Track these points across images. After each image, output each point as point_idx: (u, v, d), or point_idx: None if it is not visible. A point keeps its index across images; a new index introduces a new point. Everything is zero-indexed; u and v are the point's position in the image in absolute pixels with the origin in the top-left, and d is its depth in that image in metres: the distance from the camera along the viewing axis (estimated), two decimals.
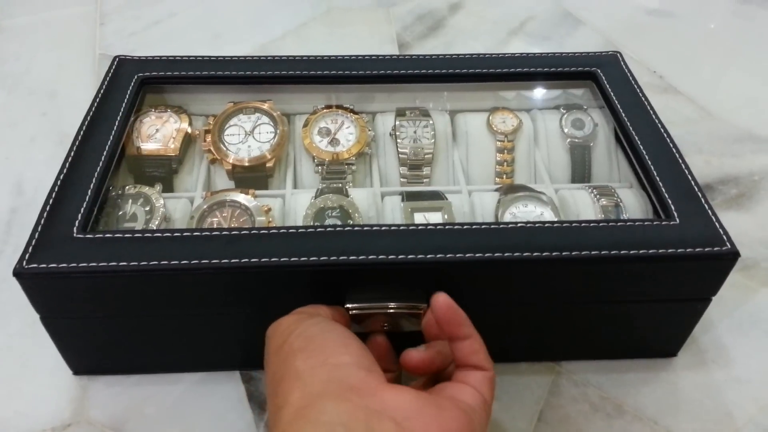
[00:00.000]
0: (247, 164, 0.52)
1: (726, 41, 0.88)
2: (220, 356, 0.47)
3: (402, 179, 0.54)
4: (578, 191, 0.51)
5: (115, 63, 0.56)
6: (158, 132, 0.53)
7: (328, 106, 0.56)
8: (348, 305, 0.41)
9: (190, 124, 0.54)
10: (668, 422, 0.46)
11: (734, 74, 0.82)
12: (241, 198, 0.48)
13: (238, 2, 0.92)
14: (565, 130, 0.55)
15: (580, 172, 0.55)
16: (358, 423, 0.31)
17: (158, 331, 0.45)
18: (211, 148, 0.52)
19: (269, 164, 0.52)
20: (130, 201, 0.47)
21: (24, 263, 0.39)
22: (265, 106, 0.55)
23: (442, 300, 0.37)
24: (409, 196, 0.50)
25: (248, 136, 0.53)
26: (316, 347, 0.35)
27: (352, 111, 0.55)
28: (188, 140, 0.54)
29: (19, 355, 0.49)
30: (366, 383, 0.33)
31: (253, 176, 0.52)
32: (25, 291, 0.40)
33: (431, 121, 0.55)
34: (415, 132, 0.55)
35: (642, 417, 0.46)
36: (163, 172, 0.52)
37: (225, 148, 0.52)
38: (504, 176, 0.55)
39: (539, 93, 0.59)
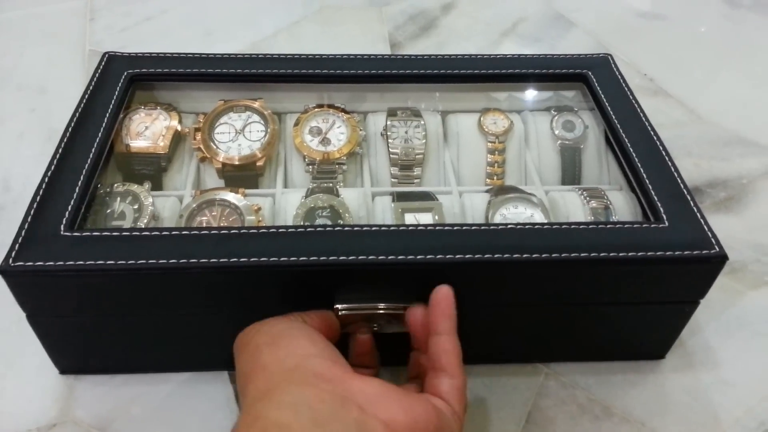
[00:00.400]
0: (237, 163, 0.52)
1: (716, 44, 0.88)
2: (208, 356, 0.47)
3: (393, 179, 0.54)
4: (568, 193, 0.51)
5: (105, 59, 0.55)
6: (148, 129, 0.52)
7: (320, 106, 0.56)
8: (337, 306, 0.41)
9: (180, 121, 0.54)
10: (655, 424, 0.46)
11: (724, 77, 0.83)
12: (231, 197, 0.47)
13: (230, 0, 0.92)
14: (556, 132, 0.56)
15: (571, 174, 0.55)
16: (323, 404, 0.31)
17: (145, 330, 0.45)
18: (201, 147, 0.52)
19: (259, 163, 0.52)
20: (119, 199, 0.47)
21: (10, 261, 0.39)
22: (256, 105, 0.54)
23: (445, 290, 0.38)
24: (399, 197, 0.50)
25: (238, 135, 0.53)
26: (281, 341, 0.35)
27: (344, 110, 0.55)
28: (178, 138, 0.53)
29: (5, 353, 0.49)
30: (332, 372, 0.34)
31: (243, 175, 0.52)
32: (11, 289, 0.40)
33: (422, 122, 0.55)
34: (406, 132, 0.55)
35: (630, 419, 0.47)
36: (152, 170, 0.52)
37: (215, 147, 0.52)
38: (494, 177, 0.55)
39: (530, 94, 0.59)
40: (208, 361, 0.47)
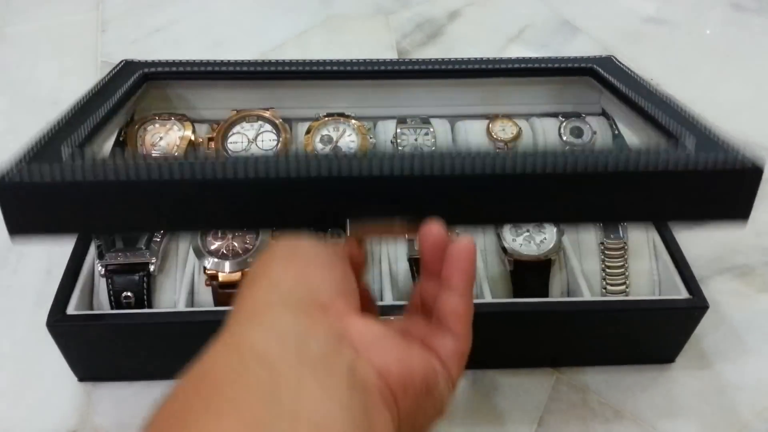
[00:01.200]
0: None
1: (721, 49, 0.89)
2: None
3: None
4: None
5: (121, 65, 0.56)
6: (162, 140, 0.53)
7: (330, 114, 0.56)
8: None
9: (194, 131, 0.54)
10: (666, 427, 0.47)
11: (730, 81, 0.83)
12: None
13: (239, 10, 0.93)
14: (564, 138, 0.56)
15: None
16: (314, 339, 0.28)
17: (163, 337, 0.45)
18: None
19: None
20: None
21: (5, 178, 0.36)
22: (268, 114, 0.55)
23: (467, 242, 0.33)
24: None
25: (251, 144, 0.54)
26: (298, 257, 0.32)
27: (354, 119, 0.56)
28: (192, 147, 0.54)
29: (24, 362, 0.49)
30: (336, 305, 0.30)
31: None
32: (2, 206, 0.37)
33: (432, 129, 0.56)
34: (415, 139, 0.55)
35: (640, 422, 0.47)
36: None
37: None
38: None
39: (538, 101, 0.60)
40: None
